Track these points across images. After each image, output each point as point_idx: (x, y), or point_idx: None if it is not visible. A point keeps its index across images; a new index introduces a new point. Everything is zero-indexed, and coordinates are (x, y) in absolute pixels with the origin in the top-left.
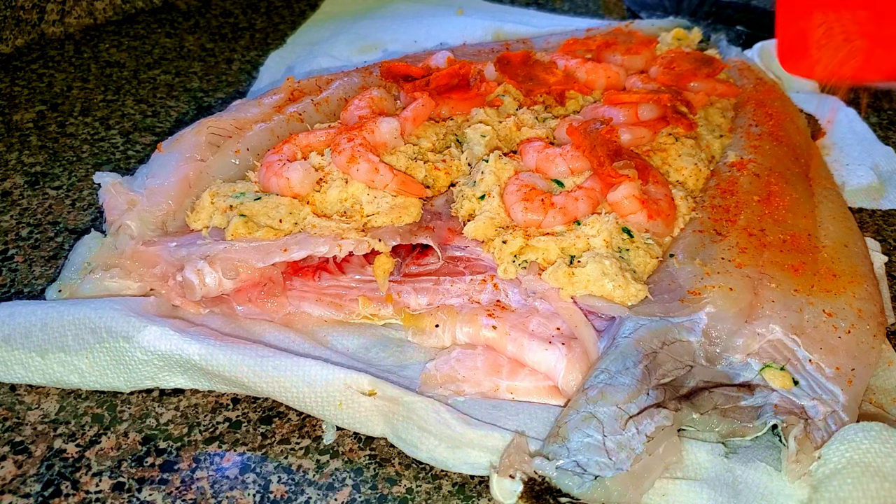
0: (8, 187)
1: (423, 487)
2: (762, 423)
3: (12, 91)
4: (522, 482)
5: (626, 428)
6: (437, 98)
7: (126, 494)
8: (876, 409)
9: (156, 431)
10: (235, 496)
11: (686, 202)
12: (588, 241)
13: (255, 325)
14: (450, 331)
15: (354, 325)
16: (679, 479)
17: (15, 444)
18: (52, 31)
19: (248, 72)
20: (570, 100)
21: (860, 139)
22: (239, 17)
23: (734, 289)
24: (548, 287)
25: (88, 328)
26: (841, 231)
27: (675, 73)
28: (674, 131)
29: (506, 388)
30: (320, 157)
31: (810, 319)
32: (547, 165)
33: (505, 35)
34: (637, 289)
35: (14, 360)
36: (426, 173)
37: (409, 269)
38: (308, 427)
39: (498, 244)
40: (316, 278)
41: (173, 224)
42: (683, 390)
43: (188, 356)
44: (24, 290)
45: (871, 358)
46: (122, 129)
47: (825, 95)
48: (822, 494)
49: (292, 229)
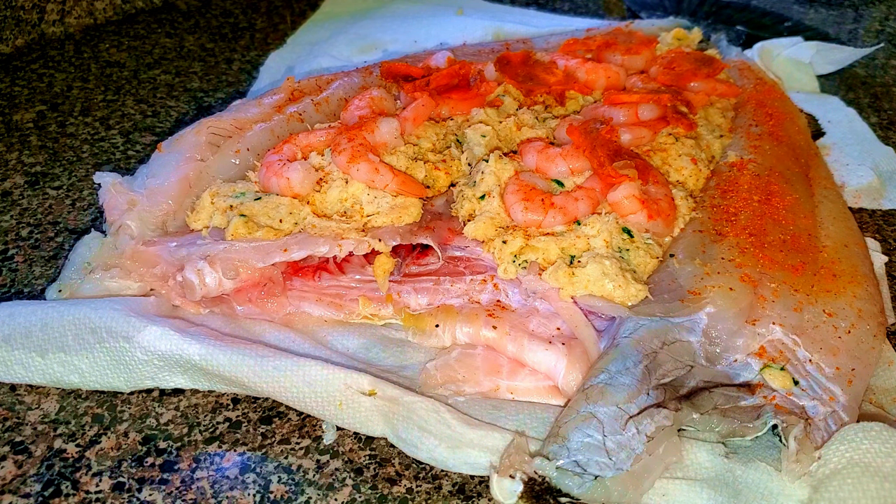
0: (8, 187)
1: (423, 487)
2: (762, 423)
3: (12, 91)
4: (522, 482)
5: (626, 428)
6: (437, 98)
7: (126, 494)
8: (876, 409)
9: (156, 431)
10: (235, 496)
11: (686, 202)
12: (588, 241)
13: (255, 325)
14: (450, 331)
15: (354, 325)
16: (679, 479)
17: (15, 444)
18: (52, 31)
19: (248, 72)
20: (570, 100)
21: (860, 139)
22: (239, 17)
23: (734, 289)
24: (548, 287)
25: (88, 328)
26: (841, 231)
27: (675, 73)
28: (674, 131)
29: (506, 388)
30: (320, 157)
31: (810, 319)
32: (547, 165)
33: (505, 35)
34: (637, 289)
35: (14, 360)
36: (426, 173)
37: (409, 269)
38: (308, 427)
39: (498, 244)
40: (316, 278)
41: (173, 224)
42: (683, 390)
43: (188, 356)
44: (24, 290)
45: (871, 358)
46: (122, 129)
47: (825, 95)
48: (822, 494)
49: (292, 229)
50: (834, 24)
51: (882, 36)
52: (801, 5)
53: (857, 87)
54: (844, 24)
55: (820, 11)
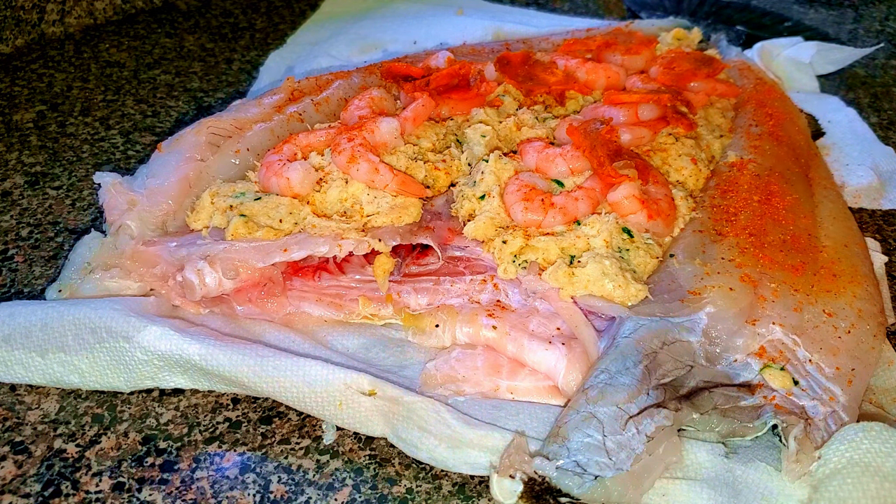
0: (8, 187)
1: (423, 487)
2: (762, 423)
3: (12, 91)
4: (522, 482)
5: (626, 428)
6: (438, 98)
7: (126, 494)
8: (876, 409)
9: (156, 431)
10: (235, 496)
11: (686, 202)
12: (588, 241)
13: (255, 325)
14: (450, 331)
15: (354, 325)
16: (679, 479)
17: (15, 444)
18: (52, 31)
19: (248, 72)
20: (570, 100)
21: (860, 139)
22: (239, 17)
23: (734, 289)
24: (548, 287)
25: (88, 328)
26: (841, 231)
27: (675, 73)
28: (674, 131)
29: (506, 388)
30: (320, 157)
31: (810, 319)
32: (547, 165)
33: (504, 35)
34: (637, 289)
35: (14, 360)
36: (426, 173)
37: (409, 269)
38: (308, 427)
39: (498, 244)
40: (316, 278)
41: (173, 224)
42: (683, 390)
43: (188, 356)
44: (24, 290)
45: (871, 358)
46: (122, 129)
47: (825, 95)
48: (822, 494)
49: (292, 229)
50: (834, 24)
51: (882, 36)
52: (801, 5)
53: (857, 87)
54: (844, 24)
55: (820, 11)
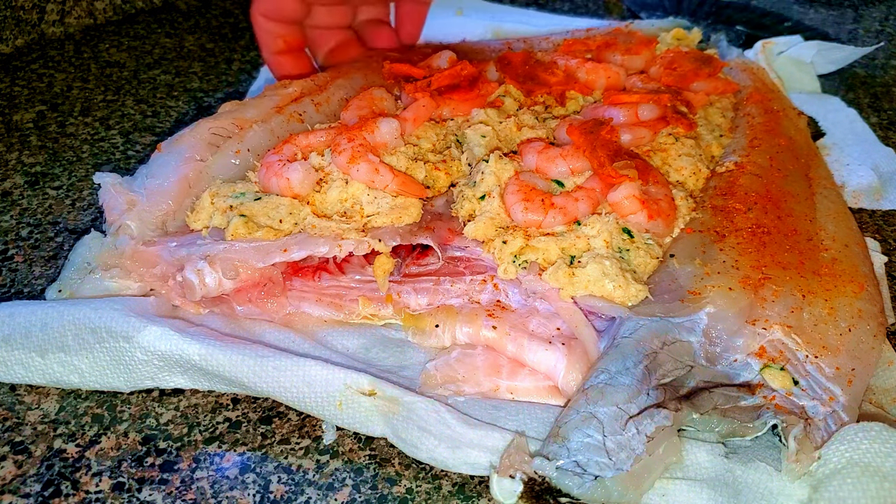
0: (8, 187)
1: (423, 487)
2: (762, 423)
3: (12, 91)
4: (522, 482)
5: (626, 428)
6: (438, 98)
7: (126, 494)
8: (876, 409)
9: (156, 431)
10: (235, 496)
11: (686, 202)
12: (588, 242)
13: (255, 325)
14: (450, 331)
15: (354, 326)
16: (679, 479)
17: (15, 444)
18: (52, 31)
19: (248, 72)
20: (571, 100)
21: (860, 139)
22: (239, 17)
23: (734, 289)
24: (548, 287)
25: (88, 328)
26: (841, 231)
27: (675, 73)
28: (674, 131)
29: (506, 388)
30: (320, 158)
31: (810, 319)
32: (547, 166)
33: (504, 35)
34: (637, 289)
35: (14, 360)
36: (426, 174)
37: (409, 270)
38: (308, 427)
39: (498, 244)
40: (316, 278)
41: (173, 224)
42: (683, 390)
43: (188, 356)
44: (24, 290)
45: (872, 358)
46: (122, 129)
47: (826, 95)
48: (822, 494)
49: (292, 229)
50: (834, 24)
51: (882, 36)
52: (801, 5)
53: (857, 87)
54: (844, 24)
55: (820, 11)
